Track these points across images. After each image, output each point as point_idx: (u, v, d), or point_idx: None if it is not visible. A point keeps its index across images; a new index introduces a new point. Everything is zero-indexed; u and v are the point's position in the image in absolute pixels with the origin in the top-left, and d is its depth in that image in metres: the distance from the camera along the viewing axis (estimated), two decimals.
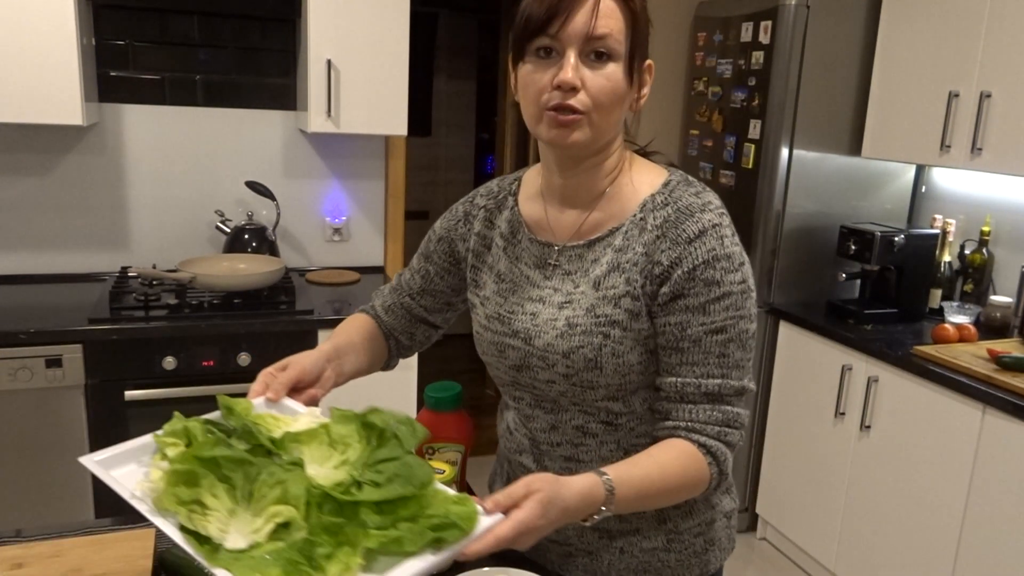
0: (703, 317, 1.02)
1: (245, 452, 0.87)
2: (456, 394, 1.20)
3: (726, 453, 1.04)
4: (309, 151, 2.98)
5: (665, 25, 3.44)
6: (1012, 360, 2.20)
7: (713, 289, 1.01)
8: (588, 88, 0.99)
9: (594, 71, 0.99)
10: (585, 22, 0.97)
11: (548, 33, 0.98)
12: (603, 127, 1.02)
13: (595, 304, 1.06)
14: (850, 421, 2.64)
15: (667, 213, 1.04)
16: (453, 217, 1.24)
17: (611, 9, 0.99)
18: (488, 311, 1.16)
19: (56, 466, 2.30)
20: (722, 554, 1.20)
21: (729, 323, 1.02)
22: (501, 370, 1.16)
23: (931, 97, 2.62)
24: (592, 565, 1.16)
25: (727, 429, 1.04)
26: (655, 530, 1.14)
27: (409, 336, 1.31)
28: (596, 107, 1.00)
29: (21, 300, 2.51)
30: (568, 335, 1.06)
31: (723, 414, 1.03)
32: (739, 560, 3.03)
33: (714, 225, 1.02)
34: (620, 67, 1.00)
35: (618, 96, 1.01)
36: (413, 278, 1.28)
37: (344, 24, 2.56)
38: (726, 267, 1.02)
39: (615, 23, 0.98)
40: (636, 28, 1.00)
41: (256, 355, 2.40)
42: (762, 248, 2.96)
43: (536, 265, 1.13)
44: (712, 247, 1.01)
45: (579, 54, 0.98)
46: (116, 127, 2.75)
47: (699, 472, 1.02)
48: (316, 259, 3.07)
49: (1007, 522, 2.12)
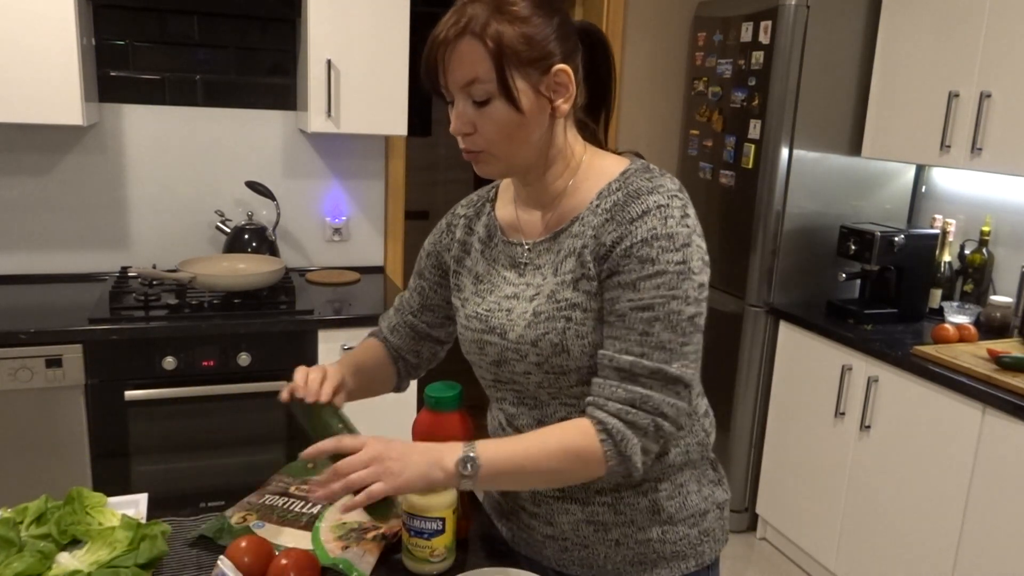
0: (632, 293, 1.02)
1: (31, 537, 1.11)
2: (456, 394, 1.20)
3: (625, 434, 1.01)
4: (309, 151, 2.98)
5: (665, 25, 3.44)
6: (1012, 360, 2.20)
7: (647, 267, 1.01)
8: (479, 129, 1.04)
9: (480, 112, 1.03)
10: (453, 72, 1.02)
11: (435, 86, 1.04)
12: (510, 156, 1.06)
13: (555, 290, 1.08)
14: (850, 421, 2.64)
15: (617, 197, 1.06)
16: (438, 231, 1.29)
17: (470, 52, 1.00)
18: (468, 311, 1.19)
19: (56, 466, 2.31)
20: (716, 545, 1.21)
21: (658, 301, 1.01)
22: (483, 368, 1.18)
23: (931, 97, 2.62)
24: (588, 558, 1.17)
25: (630, 409, 1.01)
26: (649, 521, 1.15)
27: (416, 354, 1.35)
28: (491, 143, 1.05)
29: (21, 300, 2.51)
30: (534, 323, 1.08)
31: (628, 393, 1.01)
32: (739, 560, 3.03)
33: (659, 206, 1.03)
34: (502, 103, 1.02)
35: (511, 128, 1.04)
36: (412, 296, 1.33)
37: (344, 24, 2.56)
38: (665, 246, 1.01)
39: (479, 66, 1.00)
40: (504, 59, 1.00)
41: (256, 355, 2.40)
42: (762, 248, 2.96)
43: (511, 265, 1.16)
44: (653, 226, 1.02)
45: (464, 98, 1.03)
46: (116, 127, 2.75)
47: (587, 447, 1.01)
48: (316, 259, 3.07)
49: (1007, 522, 2.12)
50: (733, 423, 3.10)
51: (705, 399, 1.22)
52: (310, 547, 1.15)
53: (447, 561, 1.13)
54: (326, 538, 1.17)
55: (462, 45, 1.00)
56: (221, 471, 2.45)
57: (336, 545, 1.15)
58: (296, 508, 1.25)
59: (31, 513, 1.15)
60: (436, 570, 1.12)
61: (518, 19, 1.01)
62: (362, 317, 2.50)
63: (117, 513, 1.19)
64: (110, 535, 1.11)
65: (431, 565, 1.11)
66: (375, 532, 1.18)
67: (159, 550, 1.10)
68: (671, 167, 3.56)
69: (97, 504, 1.19)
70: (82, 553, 1.10)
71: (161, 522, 1.15)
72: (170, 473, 2.42)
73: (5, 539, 1.07)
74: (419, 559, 1.11)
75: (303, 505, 1.26)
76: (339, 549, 1.14)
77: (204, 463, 2.45)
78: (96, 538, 1.11)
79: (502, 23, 1.00)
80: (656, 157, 3.54)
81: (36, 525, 1.14)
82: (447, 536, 1.11)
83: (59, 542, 1.12)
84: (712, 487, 1.21)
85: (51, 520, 1.14)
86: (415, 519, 1.10)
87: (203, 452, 2.43)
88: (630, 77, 3.44)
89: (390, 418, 2.57)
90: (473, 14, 1.00)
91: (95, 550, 1.10)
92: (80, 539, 1.13)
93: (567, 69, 1.04)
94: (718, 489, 1.22)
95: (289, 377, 1.19)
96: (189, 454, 2.43)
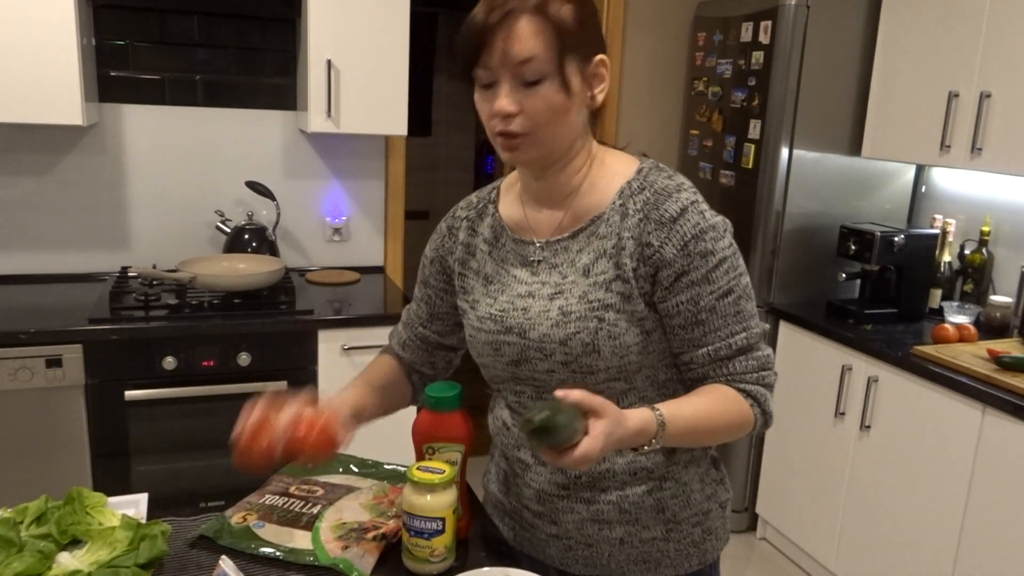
0: (710, 286, 1.07)
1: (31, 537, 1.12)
2: (456, 394, 1.20)
3: (766, 395, 1.11)
4: (309, 151, 2.98)
5: (665, 25, 3.44)
6: (1012, 360, 2.20)
7: (709, 259, 1.06)
8: (526, 110, 1.02)
9: (529, 93, 1.01)
10: (508, 50, 0.99)
11: (478, 65, 1.02)
12: (552, 140, 1.06)
13: (587, 291, 1.08)
14: (850, 421, 2.64)
15: (646, 197, 1.08)
16: (439, 235, 1.27)
17: (530, 31, 0.99)
18: (480, 312, 1.17)
19: (56, 466, 2.30)
20: (719, 543, 1.22)
21: (732, 283, 1.08)
22: (498, 368, 1.17)
23: (931, 97, 2.62)
24: (592, 557, 1.17)
25: (763, 372, 1.10)
26: (654, 520, 1.15)
27: (431, 366, 1.34)
28: (537, 126, 1.03)
29: (21, 300, 2.51)
30: (563, 323, 1.08)
31: (757, 360, 1.10)
32: (739, 560, 3.03)
33: (692, 202, 1.07)
34: (554, 84, 1.01)
35: (558, 112, 1.03)
36: (419, 307, 1.32)
37: (344, 24, 2.56)
38: (714, 236, 1.07)
39: (537, 44, 0.99)
40: (563, 39, 1.00)
41: (256, 355, 2.40)
42: (762, 248, 2.96)
43: (521, 264, 1.15)
44: (696, 221, 1.06)
45: (512, 79, 1.01)
46: (116, 127, 2.75)
47: (743, 415, 1.09)
48: (316, 259, 3.07)
49: (1007, 522, 2.12)
50: None
51: None
52: (310, 547, 1.16)
53: (447, 561, 1.13)
54: (326, 538, 1.17)
55: (522, 21, 0.99)
56: (221, 471, 2.45)
57: (336, 545, 1.15)
58: (296, 508, 1.25)
59: (31, 513, 1.16)
60: (436, 570, 1.12)
61: (574, 1, 1.02)
62: (362, 317, 2.50)
63: (117, 513, 1.19)
64: (110, 535, 1.11)
65: (431, 565, 1.11)
66: (375, 532, 1.18)
67: (159, 550, 1.10)
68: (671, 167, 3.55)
69: (97, 504, 1.19)
70: (82, 553, 1.10)
71: (161, 522, 1.15)
72: (170, 473, 2.42)
73: (5, 539, 1.07)
74: (419, 559, 1.11)
75: (303, 505, 1.26)
76: (339, 549, 1.14)
77: (204, 463, 2.45)
78: (96, 538, 1.11)
79: (563, 3, 1.00)
80: (656, 157, 3.50)
81: (36, 525, 1.14)
82: (447, 536, 1.11)
83: (59, 542, 1.12)
84: (715, 486, 1.21)
85: (51, 520, 1.14)
86: (415, 519, 1.10)
87: (203, 452, 2.43)
88: (630, 77, 3.44)
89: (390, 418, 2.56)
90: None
91: (95, 550, 1.10)
92: (80, 539, 1.13)
93: (607, 60, 1.06)
94: (720, 488, 1.23)
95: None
96: (189, 454, 2.43)
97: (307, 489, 1.30)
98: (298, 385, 2.44)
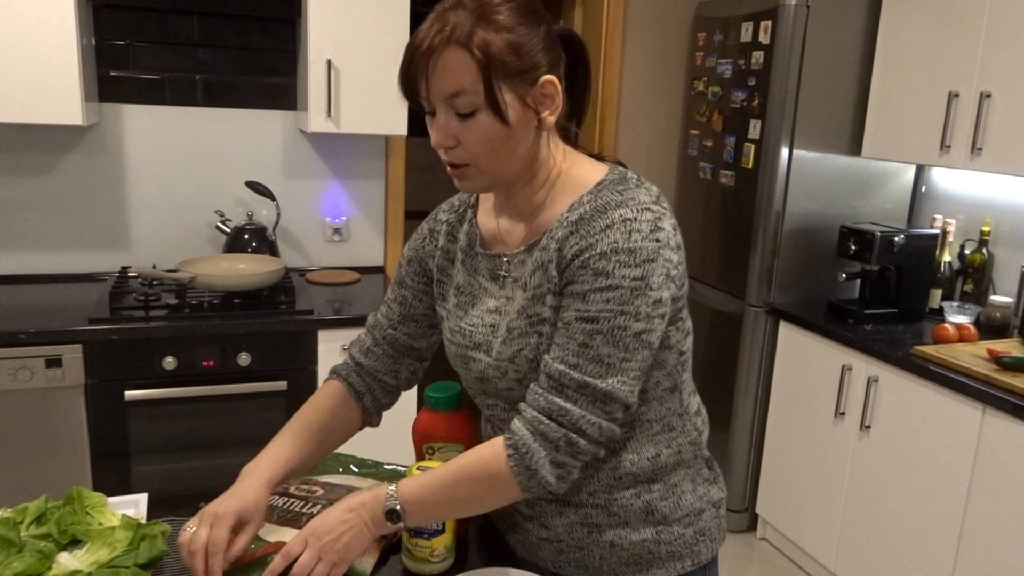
0: (580, 303, 0.99)
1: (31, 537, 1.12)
2: (456, 394, 1.20)
3: (531, 447, 0.99)
4: (309, 151, 2.98)
5: (665, 25, 3.44)
6: (1012, 360, 2.20)
7: (600, 279, 0.98)
8: (463, 143, 1.00)
9: (465, 125, 0.98)
10: (436, 83, 0.97)
11: (414, 97, 1.00)
12: (497, 169, 1.03)
13: (525, 305, 1.06)
14: (850, 421, 2.64)
15: (584, 210, 1.03)
16: (419, 236, 1.25)
17: (457, 63, 0.95)
18: (451, 324, 1.17)
19: (56, 466, 2.31)
20: (713, 544, 1.20)
21: (604, 315, 0.98)
22: (468, 381, 1.17)
23: (931, 97, 2.62)
24: (584, 560, 1.16)
25: (544, 419, 0.99)
26: (643, 522, 1.14)
27: (394, 375, 1.30)
28: (477, 157, 1.01)
29: (21, 300, 2.51)
30: (508, 340, 1.07)
31: (548, 403, 0.99)
32: (739, 560, 3.03)
33: (624, 219, 0.99)
34: (488, 114, 0.97)
35: (497, 141, 0.99)
36: (391, 309, 1.28)
37: (344, 24, 2.56)
38: (623, 261, 0.98)
39: (465, 77, 0.96)
40: (492, 69, 0.96)
41: (256, 355, 2.40)
42: (762, 248, 2.96)
43: (491, 277, 1.14)
44: (615, 240, 0.98)
45: (448, 109, 0.99)
46: (116, 127, 2.75)
47: (496, 470, 1.01)
48: (316, 259, 3.07)
49: (1007, 522, 2.12)
50: (733, 423, 3.10)
51: (697, 397, 1.21)
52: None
53: (447, 561, 1.13)
54: None
55: (447, 54, 0.95)
56: (221, 471, 2.45)
57: None
58: (296, 508, 1.25)
59: (31, 513, 1.16)
60: (436, 570, 1.12)
61: (504, 28, 0.96)
62: (362, 317, 2.50)
63: (117, 513, 1.19)
64: (110, 535, 1.11)
65: (431, 565, 1.11)
66: None
67: (159, 550, 1.10)
68: (671, 167, 3.56)
69: (97, 504, 1.19)
70: (82, 553, 1.10)
71: (161, 522, 1.15)
72: (170, 473, 2.42)
73: (5, 539, 1.07)
74: (419, 559, 1.11)
75: (303, 505, 1.26)
76: None
77: (204, 463, 2.45)
78: (96, 538, 1.11)
79: (488, 32, 0.95)
80: (656, 157, 3.54)
81: (36, 525, 1.14)
82: (447, 536, 1.11)
83: (59, 542, 1.12)
84: (707, 486, 1.20)
85: (51, 520, 1.14)
86: None
87: (203, 452, 2.43)
88: (630, 77, 3.44)
89: (390, 419, 2.56)
90: (457, 22, 0.95)
91: (95, 550, 1.10)
92: (80, 539, 1.13)
93: (554, 80, 1.00)
94: (713, 488, 1.21)
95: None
96: (189, 454, 2.43)
97: (307, 489, 1.30)
98: (298, 385, 2.44)
